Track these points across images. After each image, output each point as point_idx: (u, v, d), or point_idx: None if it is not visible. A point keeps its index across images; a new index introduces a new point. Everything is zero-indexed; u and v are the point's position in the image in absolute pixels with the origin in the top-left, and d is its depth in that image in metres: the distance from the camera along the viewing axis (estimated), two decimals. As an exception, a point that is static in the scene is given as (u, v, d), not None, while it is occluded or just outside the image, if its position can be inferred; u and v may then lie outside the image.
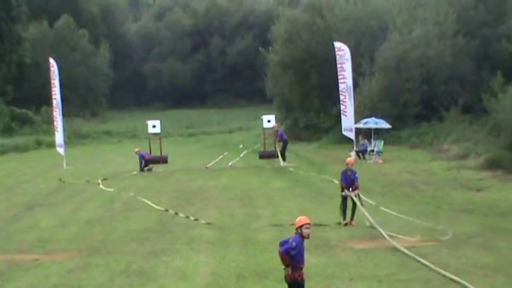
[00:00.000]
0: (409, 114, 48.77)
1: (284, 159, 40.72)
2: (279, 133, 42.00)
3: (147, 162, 40.24)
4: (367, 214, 20.41)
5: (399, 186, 31.11)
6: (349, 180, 21.34)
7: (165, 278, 15.41)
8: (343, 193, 21.35)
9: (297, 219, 12.01)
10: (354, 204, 21.30)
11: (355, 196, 21.17)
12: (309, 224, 11.83)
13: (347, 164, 21.60)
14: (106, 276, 15.74)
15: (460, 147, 40.23)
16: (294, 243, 11.76)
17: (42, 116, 75.07)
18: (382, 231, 18.76)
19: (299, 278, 11.85)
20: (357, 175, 21.48)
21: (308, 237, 11.84)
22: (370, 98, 49.50)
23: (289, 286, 11.98)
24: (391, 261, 16.32)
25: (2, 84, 78.79)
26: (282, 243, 11.84)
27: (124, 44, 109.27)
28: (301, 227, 11.83)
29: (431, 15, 49.62)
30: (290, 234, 12.10)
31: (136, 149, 41.24)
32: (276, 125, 42.98)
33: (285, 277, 11.94)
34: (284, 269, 11.93)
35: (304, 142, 59.32)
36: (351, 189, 21.18)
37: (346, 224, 21.28)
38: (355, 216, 21.37)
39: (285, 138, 41.72)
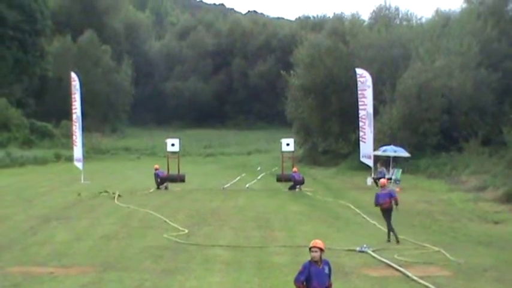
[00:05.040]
0: (428, 144, 48.59)
1: (290, 188, 40.72)
2: (292, 175, 41.60)
3: (162, 180, 40.49)
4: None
5: (416, 216, 30.95)
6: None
7: (178, 297, 15.41)
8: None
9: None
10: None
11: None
12: (314, 247, 11.71)
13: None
14: (120, 292, 15.77)
15: (478, 179, 40.00)
16: (301, 267, 11.75)
17: (61, 129, 75.59)
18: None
19: None
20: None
21: (316, 261, 11.70)
22: (390, 125, 49.42)
23: None
24: (405, 291, 16.25)
25: (23, 96, 79.56)
26: None
27: (146, 62, 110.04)
28: (309, 249, 11.82)
29: (454, 45, 49.63)
30: (305, 258, 12.06)
31: (156, 166, 41.45)
32: (295, 168, 42.56)
33: None
34: None
35: (322, 167, 59.33)
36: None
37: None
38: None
39: (296, 179, 40.91)
